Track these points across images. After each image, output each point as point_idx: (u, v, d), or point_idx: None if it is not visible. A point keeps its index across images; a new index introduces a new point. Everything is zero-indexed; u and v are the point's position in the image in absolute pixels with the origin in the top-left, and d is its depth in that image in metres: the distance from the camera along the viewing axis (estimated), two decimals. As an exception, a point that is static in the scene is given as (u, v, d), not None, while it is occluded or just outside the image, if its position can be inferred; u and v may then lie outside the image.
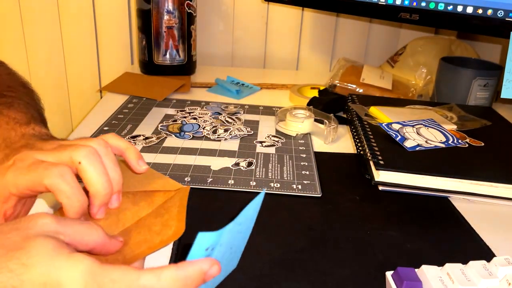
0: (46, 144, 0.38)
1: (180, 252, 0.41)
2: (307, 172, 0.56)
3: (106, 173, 0.37)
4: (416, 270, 0.36)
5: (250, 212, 0.31)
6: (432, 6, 0.75)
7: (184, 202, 0.41)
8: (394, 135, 0.58)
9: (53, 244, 0.28)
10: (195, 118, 0.71)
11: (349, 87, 0.82)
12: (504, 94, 0.61)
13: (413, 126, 0.62)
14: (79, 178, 0.36)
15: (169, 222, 0.38)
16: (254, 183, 0.53)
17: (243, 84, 0.91)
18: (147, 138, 0.63)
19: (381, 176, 0.52)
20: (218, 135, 0.65)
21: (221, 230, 0.27)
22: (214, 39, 1.10)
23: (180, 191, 0.43)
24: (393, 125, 0.61)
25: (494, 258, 0.36)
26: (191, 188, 0.51)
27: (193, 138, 0.64)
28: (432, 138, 0.59)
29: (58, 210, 0.41)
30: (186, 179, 0.53)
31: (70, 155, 0.36)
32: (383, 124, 0.61)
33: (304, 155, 0.61)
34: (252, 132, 0.68)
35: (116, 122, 0.68)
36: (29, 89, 0.50)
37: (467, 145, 0.60)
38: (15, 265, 0.26)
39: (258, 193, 0.51)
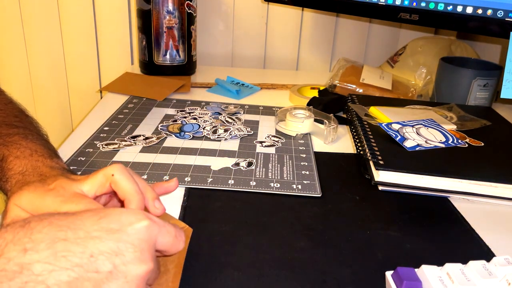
0: (77, 176, 0.42)
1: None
2: (307, 172, 0.56)
3: (136, 182, 0.39)
4: (416, 270, 0.36)
5: None
6: (432, 6, 0.75)
7: (183, 257, 0.38)
8: (394, 135, 0.58)
9: None
10: (195, 118, 0.71)
11: (349, 87, 0.82)
12: (504, 94, 0.61)
13: (413, 126, 0.62)
14: None
15: (163, 283, 0.36)
16: (254, 183, 0.53)
17: (243, 84, 0.91)
18: (147, 138, 0.63)
19: (381, 176, 0.52)
20: (218, 135, 0.65)
21: None
22: (214, 39, 1.11)
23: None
24: (393, 125, 0.61)
25: (494, 258, 0.36)
26: (191, 188, 0.51)
27: (193, 138, 0.65)
28: (432, 138, 0.59)
29: None
30: (186, 179, 0.53)
31: (103, 172, 0.39)
32: (383, 124, 0.61)
33: (304, 155, 0.61)
34: (252, 132, 0.68)
35: (116, 122, 0.68)
36: (30, 117, 0.53)
37: (467, 145, 0.60)
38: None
39: (258, 193, 0.51)
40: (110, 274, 0.27)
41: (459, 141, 0.60)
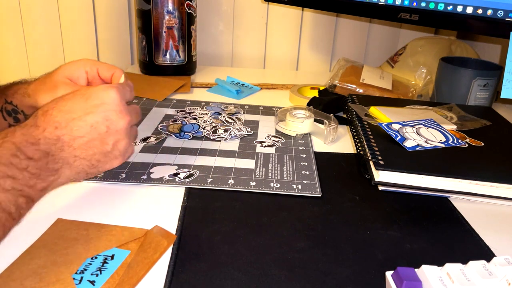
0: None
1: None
2: (307, 172, 0.56)
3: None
4: (416, 270, 0.36)
5: None
6: (432, 6, 0.75)
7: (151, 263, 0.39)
8: (394, 135, 0.58)
9: None
10: (195, 118, 0.71)
11: (349, 87, 0.82)
12: (504, 94, 0.61)
13: (413, 126, 0.62)
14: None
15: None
16: (254, 183, 0.53)
17: (243, 84, 0.91)
18: (147, 138, 0.63)
19: (381, 176, 0.52)
20: (218, 135, 0.65)
21: None
22: (214, 39, 1.11)
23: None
24: (393, 125, 0.61)
25: (494, 258, 0.36)
26: (191, 188, 0.51)
27: (193, 138, 0.65)
28: (432, 138, 0.59)
29: None
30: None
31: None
32: (383, 124, 0.61)
33: (304, 155, 0.61)
34: (252, 132, 0.68)
35: (116, 122, 0.68)
36: None
37: (467, 145, 0.60)
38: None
39: (258, 193, 0.51)
40: (107, 132, 0.44)
41: (459, 141, 0.60)
